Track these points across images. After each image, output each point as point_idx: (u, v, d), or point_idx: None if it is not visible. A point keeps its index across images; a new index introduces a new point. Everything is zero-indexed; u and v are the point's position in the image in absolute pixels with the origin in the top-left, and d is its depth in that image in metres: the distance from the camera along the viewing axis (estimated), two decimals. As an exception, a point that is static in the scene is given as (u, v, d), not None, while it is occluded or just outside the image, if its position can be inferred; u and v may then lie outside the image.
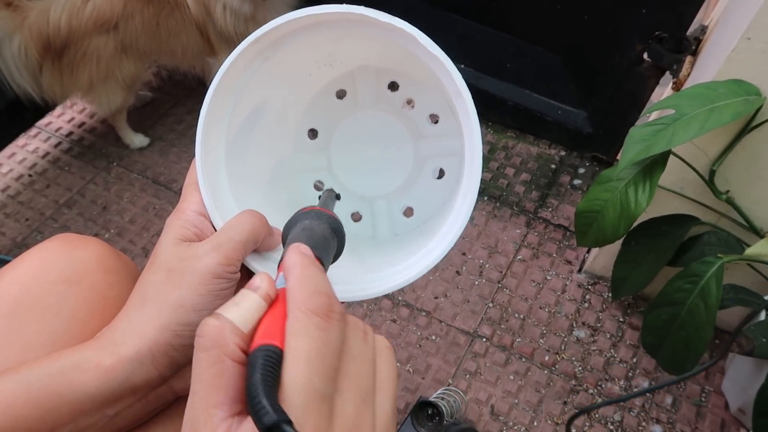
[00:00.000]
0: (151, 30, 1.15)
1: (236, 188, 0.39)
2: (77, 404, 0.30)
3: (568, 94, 1.27)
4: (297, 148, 0.45)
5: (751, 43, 0.67)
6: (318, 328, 0.23)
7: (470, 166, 0.34)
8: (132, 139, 1.37)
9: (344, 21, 0.34)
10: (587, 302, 1.11)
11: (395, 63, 0.41)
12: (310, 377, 0.22)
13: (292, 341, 0.23)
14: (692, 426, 0.96)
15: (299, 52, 0.38)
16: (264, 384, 0.21)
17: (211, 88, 0.35)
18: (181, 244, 0.33)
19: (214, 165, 0.38)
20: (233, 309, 0.24)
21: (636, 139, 0.70)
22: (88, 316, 0.44)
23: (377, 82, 0.42)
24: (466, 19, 1.25)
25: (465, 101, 0.32)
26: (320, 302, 0.24)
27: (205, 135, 0.36)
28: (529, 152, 1.34)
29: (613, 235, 0.81)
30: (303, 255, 0.27)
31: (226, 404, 0.22)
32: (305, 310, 0.24)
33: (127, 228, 1.24)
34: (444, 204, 0.45)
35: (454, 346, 1.05)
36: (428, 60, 0.33)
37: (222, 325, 0.23)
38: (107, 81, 1.20)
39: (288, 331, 0.23)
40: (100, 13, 1.09)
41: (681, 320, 0.76)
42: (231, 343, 0.23)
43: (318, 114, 0.44)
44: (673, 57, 1.01)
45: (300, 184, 0.46)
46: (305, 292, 0.24)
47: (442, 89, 0.34)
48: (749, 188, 0.81)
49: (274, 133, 0.43)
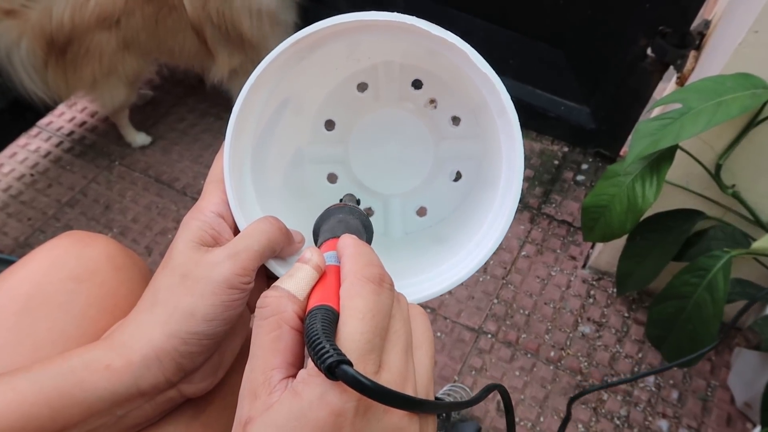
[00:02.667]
0: (150, 28, 1.15)
1: (259, 182, 0.39)
2: (87, 404, 0.30)
3: (571, 90, 1.27)
4: (313, 138, 0.44)
5: (759, 36, 0.67)
6: (372, 292, 0.26)
7: (506, 191, 0.33)
8: (134, 138, 1.37)
9: (391, 28, 0.33)
10: (592, 298, 1.11)
11: (420, 60, 0.40)
12: (364, 331, 0.24)
13: (349, 302, 0.25)
14: (698, 420, 0.96)
15: (334, 52, 0.37)
16: (324, 331, 0.23)
17: (246, 87, 0.34)
18: (197, 248, 0.33)
19: (240, 162, 0.37)
20: (289, 280, 0.27)
21: (643, 134, 0.70)
22: (98, 313, 0.44)
23: (401, 78, 0.41)
24: (468, 16, 1.25)
25: (510, 120, 0.32)
26: (374, 272, 0.26)
27: (236, 132, 0.35)
28: (532, 148, 1.34)
29: (620, 230, 0.80)
30: (354, 238, 0.29)
31: (283, 366, 0.24)
32: (361, 277, 0.26)
33: (130, 227, 1.24)
34: (457, 208, 0.44)
35: (459, 343, 1.05)
36: (476, 77, 0.32)
37: (280, 295, 0.26)
38: (110, 77, 1.19)
39: (344, 294, 0.26)
40: (102, 9, 1.09)
41: (687, 314, 0.76)
42: (289, 310, 0.25)
43: (337, 105, 0.43)
44: (676, 52, 1.01)
45: (314, 174, 0.45)
46: (360, 263, 0.27)
47: (467, 87, 0.34)
48: (755, 182, 0.81)
49: (294, 121, 0.42)
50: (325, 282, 0.27)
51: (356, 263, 0.27)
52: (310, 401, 0.22)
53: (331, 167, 0.45)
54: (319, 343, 0.22)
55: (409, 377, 0.26)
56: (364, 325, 0.24)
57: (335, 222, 0.33)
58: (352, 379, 0.21)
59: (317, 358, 0.22)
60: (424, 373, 0.27)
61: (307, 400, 0.22)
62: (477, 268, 0.35)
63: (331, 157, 0.45)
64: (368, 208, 0.46)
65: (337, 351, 0.22)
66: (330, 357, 0.21)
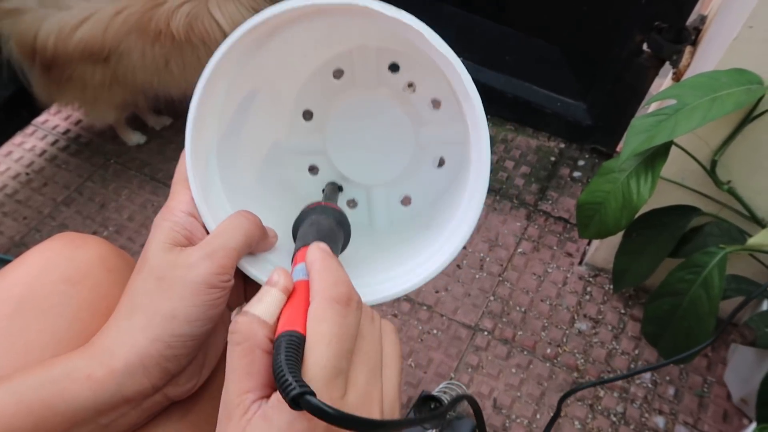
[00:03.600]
0: (155, 68, 1.09)
1: (228, 179, 0.38)
2: (70, 414, 0.30)
3: (567, 86, 1.26)
4: (291, 130, 0.43)
5: (753, 31, 0.67)
6: (338, 315, 0.26)
7: (477, 175, 0.33)
8: (130, 137, 1.36)
9: (347, 11, 0.32)
10: (588, 294, 1.11)
11: (396, 43, 0.39)
12: (329, 357, 0.25)
13: (315, 326, 0.25)
14: (695, 417, 0.96)
15: (295, 39, 0.36)
16: (288, 362, 0.23)
17: (202, 80, 0.33)
18: (171, 249, 0.32)
19: (205, 158, 0.36)
20: (258, 305, 0.27)
21: (638, 130, 0.69)
22: (90, 315, 0.44)
23: (377, 62, 0.40)
24: (464, 12, 1.25)
25: (474, 105, 0.31)
26: (341, 291, 0.27)
27: (196, 129, 0.34)
28: (528, 145, 1.34)
29: (615, 227, 0.80)
30: (322, 250, 0.29)
31: (257, 389, 0.25)
32: (327, 298, 0.26)
33: (126, 225, 1.24)
34: (443, 194, 0.43)
35: (455, 340, 1.05)
36: (435, 58, 0.31)
37: (250, 320, 0.26)
38: (96, 103, 1.16)
39: (310, 317, 0.26)
40: (87, 45, 1.04)
41: (683, 310, 0.76)
42: (260, 335, 0.26)
43: (314, 94, 0.42)
44: (672, 47, 1.00)
45: (294, 167, 0.44)
46: (326, 282, 0.27)
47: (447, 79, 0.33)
48: (751, 178, 0.81)
49: (268, 113, 0.41)
50: (293, 301, 0.28)
51: (322, 282, 0.27)
52: (279, 427, 0.23)
53: (312, 159, 0.44)
54: (282, 375, 0.23)
55: (375, 397, 0.26)
56: (329, 350, 0.25)
57: (307, 226, 0.33)
58: (316, 408, 0.22)
59: (281, 390, 0.23)
60: (391, 391, 0.28)
61: (276, 426, 0.23)
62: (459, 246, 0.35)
63: (311, 149, 0.44)
64: (351, 199, 0.45)
65: (299, 383, 0.23)
66: (293, 390, 0.22)
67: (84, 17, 1.03)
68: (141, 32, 1.05)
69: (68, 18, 1.03)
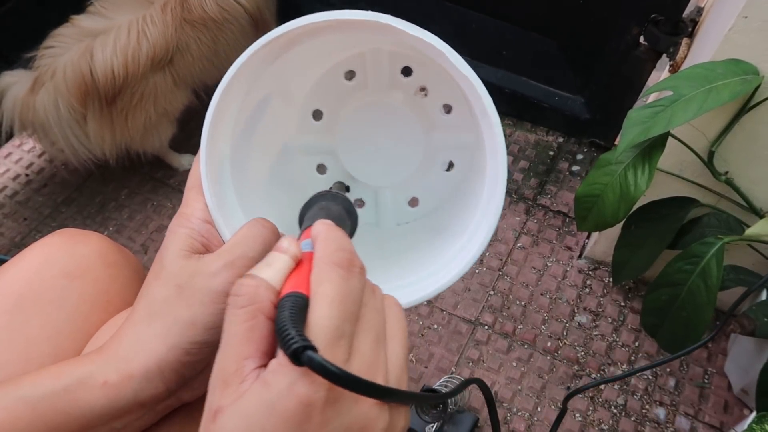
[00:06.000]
0: (210, 52, 1.10)
1: (240, 182, 0.38)
2: (84, 421, 0.30)
3: (564, 80, 1.26)
4: (301, 130, 0.43)
5: (748, 21, 0.67)
6: (341, 278, 0.25)
7: (493, 189, 0.34)
8: (180, 162, 1.31)
9: (368, 27, 0.32)
10: (588, 288, 1.11)
11: (409, 47, 0.38)
12: (332, 317, 0.24)
13: (317, 287, 0.25)
14: (695, 408, 0.97)
15: (312, 49, 0.36)
16: (291, 319, 0.23)
17: (219, 91, 0.33)
18: (189, 256, 0.32)
19: (218, 164, 0.36)
20: (266, 269, 0.26)
21: (634, 122, 0.69)
22: (90, 309, 0.44)
23: (390, 65, 0.40)
24: (461, 7, 1.25)
25: (491, 123, 0.32)
26: (343, 257, 0.26)
27: (211, 136, 0.34)
28: (527, 139, 1.34)
29: (613, 219, 0.80)
30: (328, 224, 0.29)
31: (256, 356, 0.24)
32: (329, 262, 0.26)
33: (126, 225, 1.24)
34: (450, 197, 0.44)
35: (456, 335, 1.05)
36: (457, 78, 0.31)
37: (257, 284, 0.25)
38: (162, 118, 1.15)
39: (313, 280, 0.25)
40: (157, 50, 1.03)
41: (681, 301, 0.76)
42: (266, 300, 0.25)
43: (324, 94, 0.42)
44: (669, 40, 1.00)
45: (303, 167, 0.45)
46: (330, 248, 0.27)
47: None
48: (748, 168, 0.81)
49: (279, 115, 0.42)
50: (299, 269, 0.27)
51: (326, 248, 0.27)
52: (278, 391, 0.22)
53: (320, 158, 0.44)
54: (285, 329, 0.22)
55: (380, 366, 0.25)
56: (331, 310, 0.24)
57: (317, 209, 0.32)
58: (318, 365, 0.21)
59: (283, 344, 0.22)
60: (397, 365, 0.27)
61: (275, 389, 0.22)
62: (474, 260, 0.35)
63: (320, 148, 0.44)
64: (359, 199, 0.45)
65: (301, 337, 0.22)
66: (294, 342, 0.21)
67: (135, 29, 1.01)
68: (188, 22, 1.06)
69: (120, 36, 1.01)
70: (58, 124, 1.04)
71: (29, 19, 1.21)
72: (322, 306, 0.24)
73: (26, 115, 1.03)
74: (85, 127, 1.06)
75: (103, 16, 1.03)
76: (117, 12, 1.04)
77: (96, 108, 1.04)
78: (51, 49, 1.02)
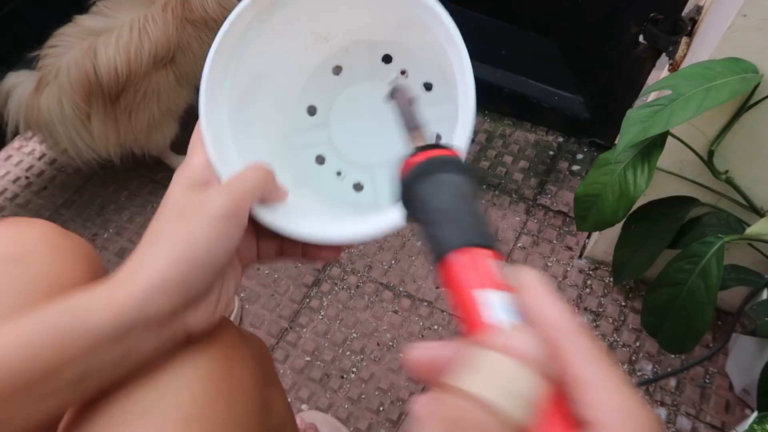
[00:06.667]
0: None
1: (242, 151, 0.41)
2: (90, 338, 0.31)
3: (564, 79, 1.26)
4: (297, 126, 0.46)
5: (747, 20, 0.67)
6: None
7: (464, 87, 0.36)
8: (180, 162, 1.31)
9: None
10: (589, 288, 1.11)
11: (388, 33, 0.43)
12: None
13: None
14: (697, 408, 0.96)
15: (295, 19, 0.39)
16: None
17: (212, 50, 0.36)
18: (191, 189, 0.35)
19: (217, 124, 0.39)
20: (481, 378, 0.17)
21: (633, 121, 0.69)
22: (35, 293, 0.43)
23: (371, 55, 0.44)
24: (460, 7, 1.25)
25: (458, 48, 0.36)
26: (618, 373, 0.18)
27: (208, 95, 0.37)
28: (526, 139, 1.34)
29: (612, 219, 0.80)
30: (545, 282, 0.19)
31: None
32: (612, 387, 0.18)
33: (126, 227, 1.24)
34: None
35: (456, 335, 1.05)
36: (420, 11, 0.35)
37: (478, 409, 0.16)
38: (166, 116, 1.14)
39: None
40: (158, 47, 1.02)
41: (681, 300, 0.76)
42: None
43: (316, 91, 0.46)
44: (668, 38, 1.00)
45: (302, 160, 0.47)
46: (584, 347, 0.19)
47: (434, 53, 0.36)
48: (748, 167, 0.81)
49: (274, 113, 0.45)
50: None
51: (582, 354, 0.18)
52: None
53: (318, 149, 0.47)
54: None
55: None
56: None
57: (449, 197, 0.22)
58: None
59: None
60: None
61: None
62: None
63: (317, 140, 0.47)
64: (357, 183, 0.48)
65: None
66: None
67: (137, 27, 1.01)
68: (190, 22, 1.06)
69: (122, 34, 1.01)
70: (63, 124, 1.04)
71: (28, 23, 1.22)
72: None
73: (31, 115, 1.03)
74: (89, 126, 1.07)
75: (106, 16, 1.04)
76: (119, 11, 1.04)
77: (100, 106, 1.05)
78: (54, 48, 1.02)
